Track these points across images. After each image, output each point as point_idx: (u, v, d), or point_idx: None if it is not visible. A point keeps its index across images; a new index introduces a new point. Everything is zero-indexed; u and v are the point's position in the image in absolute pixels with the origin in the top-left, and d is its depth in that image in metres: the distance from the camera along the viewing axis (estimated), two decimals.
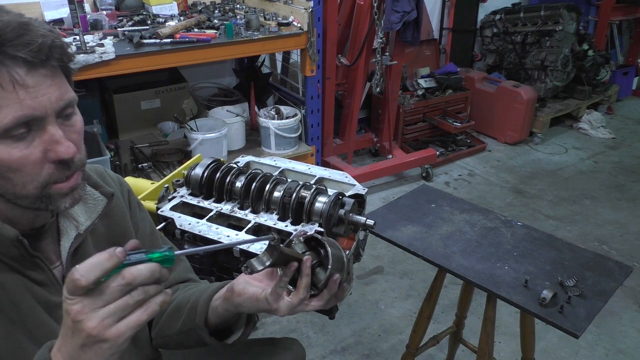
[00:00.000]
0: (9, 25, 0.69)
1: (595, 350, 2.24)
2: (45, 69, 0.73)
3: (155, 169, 2.73)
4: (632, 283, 2.59)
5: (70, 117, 0.79)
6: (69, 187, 0.80)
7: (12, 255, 0.82)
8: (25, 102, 0.71)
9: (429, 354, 2.09)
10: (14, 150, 0.72)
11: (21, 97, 0.70)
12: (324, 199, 1.20)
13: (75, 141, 0.79)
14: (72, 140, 0.78)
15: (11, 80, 0.69)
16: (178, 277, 1.14)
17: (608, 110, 4.83)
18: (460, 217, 1.66)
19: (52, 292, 0.87)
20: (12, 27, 0.69)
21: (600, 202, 3.41)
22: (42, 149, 0.74)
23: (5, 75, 0.69)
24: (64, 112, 0.77)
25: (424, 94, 3.98)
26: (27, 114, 0.71)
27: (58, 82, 0.76)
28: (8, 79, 0.69)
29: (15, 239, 0.80)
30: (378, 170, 3.44)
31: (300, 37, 2.73)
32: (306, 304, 0.89)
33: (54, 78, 0.75)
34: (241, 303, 0.93)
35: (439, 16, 4.42)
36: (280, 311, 0.89)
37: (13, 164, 0.73)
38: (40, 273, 0.86)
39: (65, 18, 2.59)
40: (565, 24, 4.13)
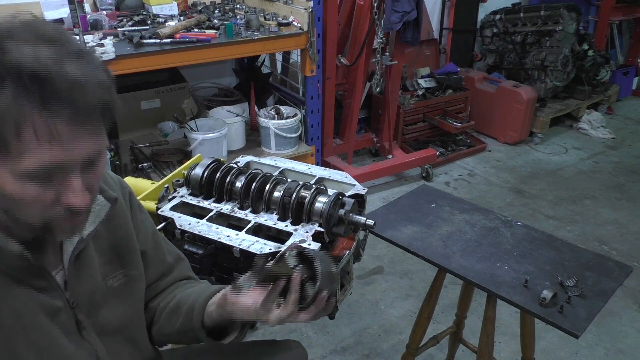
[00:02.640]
0: (64, 79, 0.66)
1: (595, 350, 2.24)
2: (85, 125, 0.70)
3: (155, 169, 2.73)
4: (632, 283, 2.59)
5: (95, 165, 0.76)
6: (72, 225, 0.79)
7: (16, 267, 0.81)
8: (55, 153, 0.68)
9: (429, 354, 2.09)
10: (30, 189, 0.70)
11: (53, 149, 0.68)
12: (324, 199, 1.20)
13: (93, 187, 0.78)
14: (90, 186, 0.76)
15: (49, 133, 0.66)
16: (178, 275, 1.15)
17: (608, 110, 4.83)
18: (460, 217, 1.66)
19: (54, 297, 0.87)
20: (66, 82, 0.66)
21: (600, 202, 3.41)
22: (57, 193, 0.73)
23: (44, 128, 0.66)
24: (91, 161, 0.75)
25: (424, 94, 3.98)
26: (53, 162, 0.69)
27: (95, 134, 0.72)
28: (46, 132, 0.66)
29: (20, 255, 0.79)
30: (378, 170, 3.44)
31: (300, 37, 2.73)
32: (295, 317, 0.91)
33: (92, 131, 0.71)
34: (233, 311, 0.96)
35: (439, 16, 4.42)
36: (269, 322, 0.92)
37: (25, 201, 0.71)
38: (43, 280, 0.85)
39: (65, 18, 2.58)
40: (565, 24, 4.13)
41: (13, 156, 0.67)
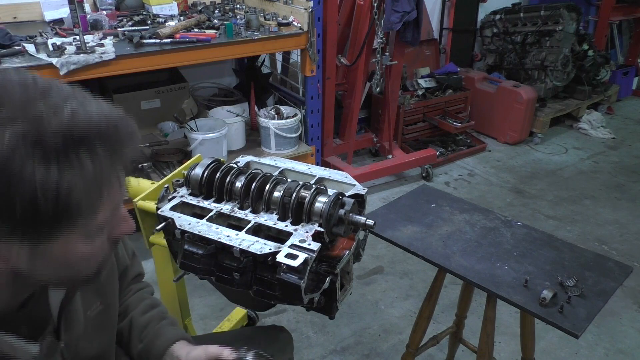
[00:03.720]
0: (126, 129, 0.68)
1: (595, 350, 2.24)
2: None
3: (155, 169, 2.73)
4: (632, 283, 2.59)
5: None
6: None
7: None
8: (119, 196, 0.71)
9: (429, 354, 2.09)
10: (99, 241, 0.71)
11: (117, 194, 0.70)
12: (324, 199, 1.20)
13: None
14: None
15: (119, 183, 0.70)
16: (132, 273, 1.19)
17: (608, 110, 4.83)
18: (460, 217, 1.66)
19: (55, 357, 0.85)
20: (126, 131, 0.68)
21: (600, 202, 3.41)
22: (109, 230, 0.74)
23: (117, 180, 0.69)
24: None
25: (424, 94, 3.98)
26: (117, 205, 0.72)
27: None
28: (117, 183, 0.69)
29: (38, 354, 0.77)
30: (378, 170, 3.44)
31: (300, 37, 2.73)
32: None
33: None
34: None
35: (439, 16, 4.42)
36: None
37: (89, 255, 0.71)
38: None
39: (65, 18, 2.59)
40: (565, 24, 4.13)
41: (89, 219, 0.66)
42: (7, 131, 0.57)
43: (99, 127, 0.63)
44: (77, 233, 0.67)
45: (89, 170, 0.62)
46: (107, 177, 0.66)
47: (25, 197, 0.58)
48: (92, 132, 0.62)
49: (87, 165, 0.62)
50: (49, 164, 0.59)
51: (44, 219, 0.61)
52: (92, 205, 0.65)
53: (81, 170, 0.61)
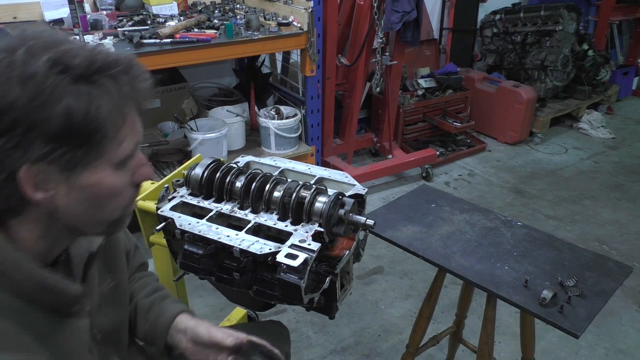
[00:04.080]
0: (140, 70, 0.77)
1: (595, 350, 2.24)
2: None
3: (155, 169, 2.73)
4: (632, 283, 2.59)
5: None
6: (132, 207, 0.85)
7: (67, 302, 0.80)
8: (139, 135, 0.79)
9: (429, 354, 2.09)
10: (124, 175, 0.78)
11: (137, 132, 0.79)
12: (324, 199, 1.20)
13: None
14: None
15: (137, 119, 0.79)
16: (135, 263, 1.21)
17: (608, 110, 4.83)
18: (460, 217, 1.66)
19: (84, 316, 0.87)
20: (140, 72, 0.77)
21: (600, 202, 3.41)
22: (131, 173, 0.80)
23: (134, 114, 0.77)
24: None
25: (424, 94, 3.98)
26: (137, 143, 0.79)
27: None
28: (136, 117, 0.77)
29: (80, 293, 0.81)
30: (378, 170, 3.44)
31: (300, 37, 2.73)
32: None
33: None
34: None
35: (439, 16, 4.42)
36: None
37: (116, 189, 0.78)
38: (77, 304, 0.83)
39: (65, 18, 2.59)
40: (565, 24, 4.13)
41: (115, 146, 0.74)
42: (41, 58, 0.66)
43: (117, 59, 0.73)
44: (105, 161, 0.74)
45: (112, 92, 0.71)
46: (128, 104, 0.74)
47: (61, 112, 0.66)
48: (112, 63, 0.72)
49: (110, 87, 0.71)
50: (78, 84, 0.68)
51: (78, 138, 0.69)
52: (117, 128, 0.73)
53: (106, 91, 0.70)
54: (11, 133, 0.66)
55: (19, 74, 0.65)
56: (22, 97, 0.65)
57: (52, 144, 0.67)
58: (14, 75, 0.65)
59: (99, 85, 0.70)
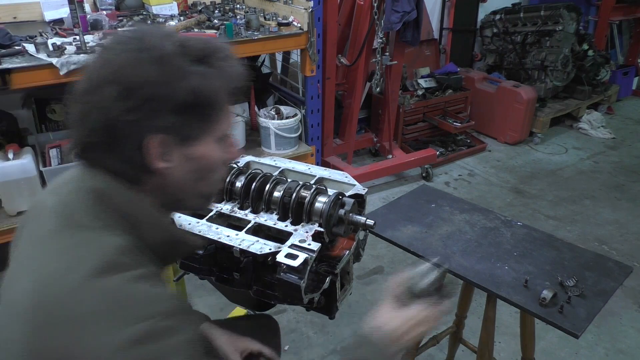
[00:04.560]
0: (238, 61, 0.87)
1: (595, 350, 2.24)
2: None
3: None
4: (632, 283, 2.59)
5: None
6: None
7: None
8: (232, 118, 0.89)
9: (429, 354, 2.09)
10: (223, 149, 0.87)
11: (231, 115, 0.89)
12: (324, 199, 1.20)
13: None
14: None
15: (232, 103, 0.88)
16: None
17: (608, 110, 4.83)
18: (460, 217, 1.66)
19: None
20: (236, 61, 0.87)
21: (600, 202, 3.41)
22: (224, 151, 0.89)
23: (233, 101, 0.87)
24: None
25: (424, 94, 3.98)
26: (232, 124, 0.90)
27: None
28: (231, 101, 0.87)
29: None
30: (378, 170, 3.44)
31: (300, 37, 2.72)
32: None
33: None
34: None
35: (439, 16, 4.42)
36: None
37: (217, 163, 0.87)
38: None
39: (65, 18, 2.59)
40: (565, 24, 4.13)
41: (219, 123, 0.85)
42: (166, 43, 0.78)
43: (221, 46, 0.85)
44: (212, 135, 0.84)
45: (222, 73, 0.82)
46: (233, 84, 0.84)
47: (185, 89, 0.77)
48: (218, 48, 0.84)
49: (220, 69, 0.82)
50: (197, 65, 0.79)
51: (196, 112, 0.80)
52: (225, 105, 0.84)
53: (217, 72, 0.81)
54: (143, 106, 0.75)
55: (151, 55, 0.76)
56: (154, 75, 0.75)
57: (176, 116, 0.78)
58: (146, 57, 0.76)
59: (211, 67, 0.81)
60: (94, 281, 0.70)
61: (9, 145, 2.29)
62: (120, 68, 0.75)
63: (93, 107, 0.76)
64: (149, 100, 0.75)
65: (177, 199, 0.87)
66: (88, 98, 0.76)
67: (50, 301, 0.69)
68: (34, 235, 0.79)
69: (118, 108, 0.75)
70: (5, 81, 2.00)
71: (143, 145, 0.77)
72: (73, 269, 0.71)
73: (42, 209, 0.82)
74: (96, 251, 0.73)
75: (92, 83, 0.76)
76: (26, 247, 0.80)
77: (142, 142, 0.77)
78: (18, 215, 2.32)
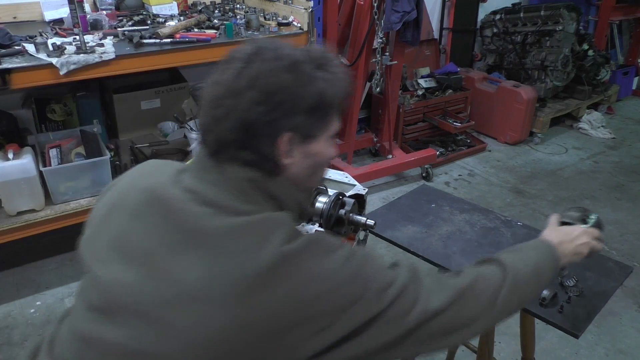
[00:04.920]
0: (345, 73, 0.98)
1: (595, 350, 2.24)
2: None
3: None
4: (632, 283, 2.59)
5: None
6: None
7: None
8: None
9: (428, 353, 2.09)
10: (328, 150, 0.97)
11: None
12: (324, 199, 1.20)
13: None
14: None
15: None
16: None
17: (608, 110, 4.83)
18: (460, 217, 1.66)
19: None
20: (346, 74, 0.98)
21: (600, 202, 3.41)
22: (330, 149, 0.98)
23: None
24: None
25: (424, 94, 3.98)
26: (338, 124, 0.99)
27: None
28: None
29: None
30: (378, 170, 3.44)
31: (300, 37, 2.72)
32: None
33: None
34: None
35: (439, 16, 4.42)
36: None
37: (326, 160, 0.98)
38: None
39: (65, 18, 2.59)
40: (565, 24, 4.12)
41: (333, 124, 0.95)
42: (296, 53, 0.90)
43: (330, 54, 0.96)
44: (327, 133, 0.94)
45: (339, 77, 0.93)
46: (345, 88, 0.96)
47: (314, 92, 0.88)
48: (330, 57, 0.94)
49: (335, 74, 0.92)
50: (319, 71, 0.90)
51: (320, 113, 0.91)
52: (338, 107, 0.94)
53: (334, 76, 0.92)
54: (278, 108, 0.86)
55: (284, 64, 0.87)
56: (287, 81, 0.86)
57: (304, 116, 0.88)
58: (281, 65, 0.87)
59: (329, 73, 0.91)
60: (289, 246, 0.81)
61: (9, 145, 2.29)
62: (259, 75, 0.86)
63: (233, 109, 0.85)
64: (283, 102, 0.86)
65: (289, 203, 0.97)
66: (228, 102, 0.86)
67: (256, 274, 0.78)
68: (186, 228, 0.84)
69: (257, 110, 0.85)
70: (5, 81, 2.00)
71: (276, 143, 0.88)
72: (264, 243, 0.80)
73: (169, 205, 0.87)
74: (278, 224, 0.85)
75: (231, 90, 0.86)
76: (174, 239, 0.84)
77: (276, 139, 0.88)
78: (18, 215, 2.31)
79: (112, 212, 0.93)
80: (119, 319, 0.82)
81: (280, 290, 0.78)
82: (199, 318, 0.77)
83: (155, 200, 0.89)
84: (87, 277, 0.92)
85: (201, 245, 0.82)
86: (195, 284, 0.79)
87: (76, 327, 0.89)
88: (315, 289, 0.80)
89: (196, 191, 0.87)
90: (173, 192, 0.89)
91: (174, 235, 0.84)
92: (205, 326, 0.77)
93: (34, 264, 2.68)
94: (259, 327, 0.77)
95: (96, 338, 0.84)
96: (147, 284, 0.82)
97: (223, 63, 0.90)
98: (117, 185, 1.00)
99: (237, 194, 0.88)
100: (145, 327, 0.79)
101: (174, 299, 0.79)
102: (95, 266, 0.89)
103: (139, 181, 0.96)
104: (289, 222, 0.87)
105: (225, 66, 0.89)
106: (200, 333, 0.77)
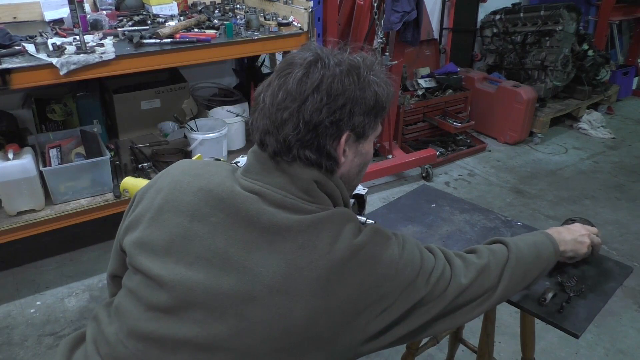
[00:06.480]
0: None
1: (595, 350, 2.24)
2: None
3: (155, 169, 2.72)
4: (632, 283, 2.59)
5: None
6: None
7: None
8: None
9: (429, 354, 2.09)
10: (372, 150, 1.04)
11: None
12: None
13: None
14: None
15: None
16: None
17: (608, 110, 4.83)
18: (461, 217, 1.66)
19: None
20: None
21: (600, 202, 3.41)
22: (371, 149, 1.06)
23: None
24: None
25: (424, 94, 3.98)
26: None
27: None
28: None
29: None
30: (378, 170, 3.44)
31: (300, 37, 2.72)
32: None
33: None
34: None
35: (439, 16, 4.42)
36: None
37: (370, 159, 1.05)
38: None
39: (65, 18, 2.59)
40: (565, 24, 4.12)
41: (380, 125, 1.02)
42: (356, 58, 0.98)
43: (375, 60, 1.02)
44: (374, 134, 1.01)
45: (386, 81, 1.00)
46: (392, 92, 1.02)
47: (372, 94, 0.96)
48: (375, 62, 1.01)
49: (386, 77, 1.00)
50: (372, 75, 0.97)
51: (375, 113, 0.97)
52: (387, 110, 1.01)
53: (383, 81, 0.98)
54: (342, 109, 0.92)
55: (346, 69, 0.94)
56: (350, 83, 0.93)
57: (362, 117, 0.95)
58: (342, 70, 0.93)
59: (378, 77, 0.98)
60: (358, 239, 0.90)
61: (9, 145, 2.29)
62: (323, 79, 0.91)
63: (298, 111, 0.91)
64: (347, 104, 0.92)
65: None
66: (293, 105, 0.91)
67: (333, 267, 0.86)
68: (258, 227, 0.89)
69: (322, 112, 0.91)
70: (5, 81, 2.00)
71: (339, 142, 0.94)
72: (338, 238, 0.88)
73: (236, 206, 0.91)
74: (346, 219, 0.92)
75: (295, 94, 0.91)
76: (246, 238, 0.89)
77: (339, 139, 0.94)
78: (18, 215, 2.31)
79: (163, 213, 0.96)
80: (188, 317, 0.85)
81: (354, 280, 0.86)
82: (279, 310, 0.83)
83: (217, 201, 0.92)
84: (142, 278, 0.93)
85: (277, 242, 0.87)
86: (274, 279, 0.84)
87: (134, 326, 0.90)
88: (382, 274, 0.89)
89: (261, 192, 0.92)
90: (238, 193, 0.93)
91: (245, 234, 0.89)
92: (285, 318, 0.82)
93: (34, 264, 2.68)
94: (335, 314, 0.84)
95: (164, 336, 0.86)
96: (222, 281, 0.85)
97: (281, 69, 0.96)
98: (158, 186, 1.03)
99: (303, 194, 0.93)
100: (220, 322, 0.84)
101: (253, 294, 0.84)
102: (154, 267, 0.91)
103: (189, 182, 0.98)
104: (354, 217, 0.95)
105: (284, 72, 0.94)
106: (279, 325, 0.82)
